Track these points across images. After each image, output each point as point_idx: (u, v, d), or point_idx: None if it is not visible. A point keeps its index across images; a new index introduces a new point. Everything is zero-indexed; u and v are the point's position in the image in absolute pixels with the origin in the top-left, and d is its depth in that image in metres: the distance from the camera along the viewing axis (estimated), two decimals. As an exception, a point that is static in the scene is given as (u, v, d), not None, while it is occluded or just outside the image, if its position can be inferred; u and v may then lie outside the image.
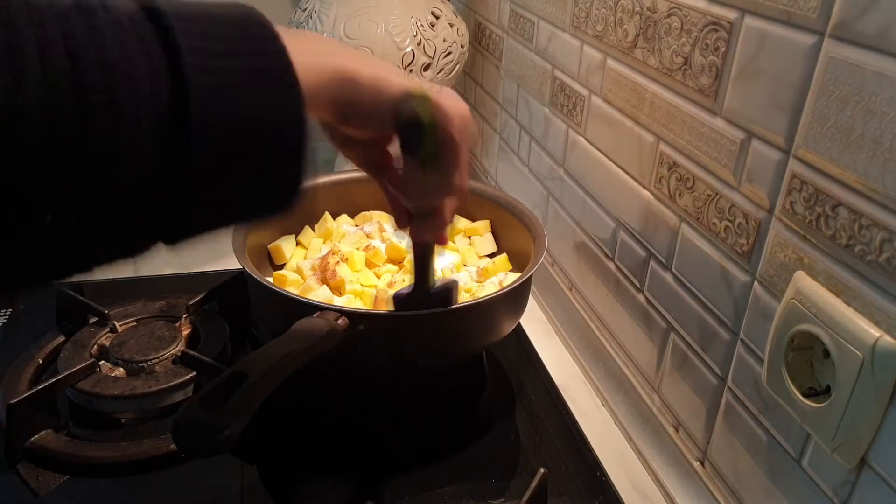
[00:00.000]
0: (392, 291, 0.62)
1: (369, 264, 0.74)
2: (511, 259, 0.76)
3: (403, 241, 0.74)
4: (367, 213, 0.82)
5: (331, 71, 0.39)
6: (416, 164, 0.45)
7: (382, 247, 0.74)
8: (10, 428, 0.60)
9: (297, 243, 0.79)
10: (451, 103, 0.44)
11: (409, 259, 0.65)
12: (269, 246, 0.76)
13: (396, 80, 0.42)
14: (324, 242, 0.78)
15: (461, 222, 0.81)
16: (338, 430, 0.67)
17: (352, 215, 0.82)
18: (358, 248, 0.74)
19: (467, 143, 0.45)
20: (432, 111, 0.43)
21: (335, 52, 0.40)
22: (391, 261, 0.74)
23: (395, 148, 0.48)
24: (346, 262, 0.71)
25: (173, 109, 0.29)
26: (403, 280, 0.69)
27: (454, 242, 0.79)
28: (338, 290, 0.69)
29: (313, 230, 0.80)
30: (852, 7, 0.40)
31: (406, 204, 0.51)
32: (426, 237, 0.54)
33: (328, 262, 0.70)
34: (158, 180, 0.30)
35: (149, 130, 0.28)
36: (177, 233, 0.33)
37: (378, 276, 0.72)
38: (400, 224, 0.54)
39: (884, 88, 0.38)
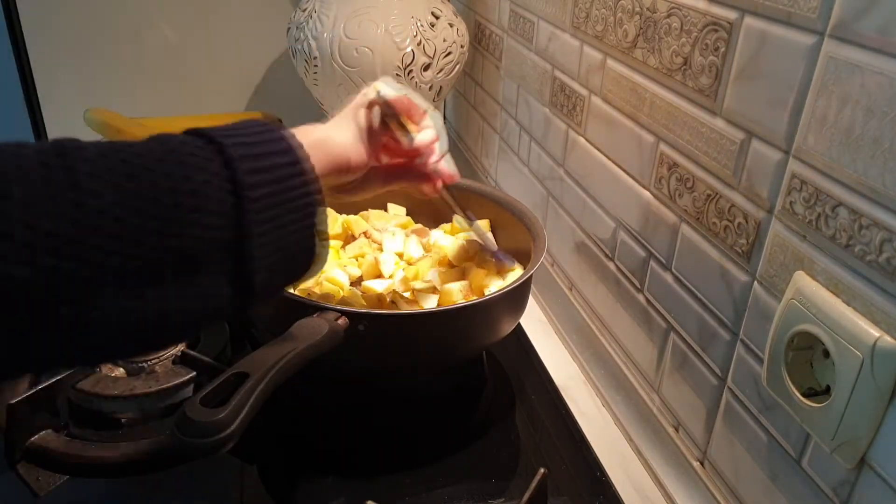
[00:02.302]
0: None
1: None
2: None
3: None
4: (366, 212, 0.82)
5: (330, 159, 0.51)
6: (399, 126, 0.57)
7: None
8: (10, 428, 0.60)
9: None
10: (389, 86, 0.57)
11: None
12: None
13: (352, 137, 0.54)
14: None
15: (460, 221, 0.81)
16: (338, 430, 0.67)
17: (355, 213, 0.82)
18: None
19: (414, 107, 0.58)
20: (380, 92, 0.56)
21: (327, 144, 0.51)
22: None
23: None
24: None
25: (234, 215, 0.39)
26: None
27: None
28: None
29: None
30: (852, 7, 0.40)
31: (425, 167, 0.61)
32: (445, 176, 0.63)
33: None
34: (230, 258, 0.40)
35: (221, 221, 0.39)
36: (245, 298, 0.42)
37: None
38: (429, 189, 0.63)
39: (884, 88, 0.38)
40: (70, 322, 0.35)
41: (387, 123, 0.56)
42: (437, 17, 1.03)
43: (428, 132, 0.59)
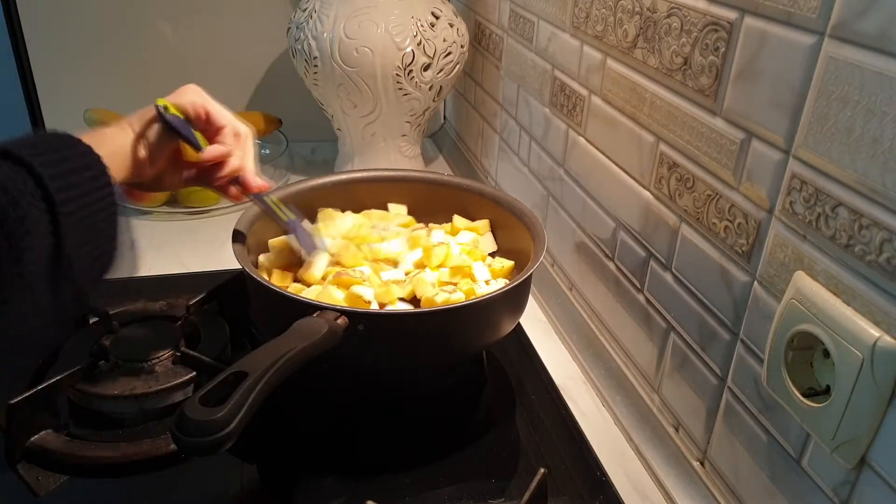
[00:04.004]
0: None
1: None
2: (511, 259, 0.76)
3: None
4: (368, 211, 0.82)
5: (124, 163, 0.58)
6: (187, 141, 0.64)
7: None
8: (10, 428, 0.60)
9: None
10: (186, 97, 0.64)
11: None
12: (269, 241, 0.76)
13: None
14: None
15: (460, 221, 0.81)
16: (338, 430, 0.67)
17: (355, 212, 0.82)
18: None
19: (201, 112, 0.64)
20: (160, 112, 0.62)
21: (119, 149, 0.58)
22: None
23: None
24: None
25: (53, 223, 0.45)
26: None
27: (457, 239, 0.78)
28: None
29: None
30: (852, 7, 0.40)
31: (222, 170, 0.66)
32: (248, 187, 0.68)
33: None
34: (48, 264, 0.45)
35: (43, 240, 0.44)
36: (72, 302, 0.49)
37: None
38: (227, 195, 0.69)
39: (884, 88, 0.38)
40: None
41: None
42: (437, 17, 1.04)
43: (218, 148, 0.64)
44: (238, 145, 0.66)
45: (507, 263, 0.74)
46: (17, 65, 1.18)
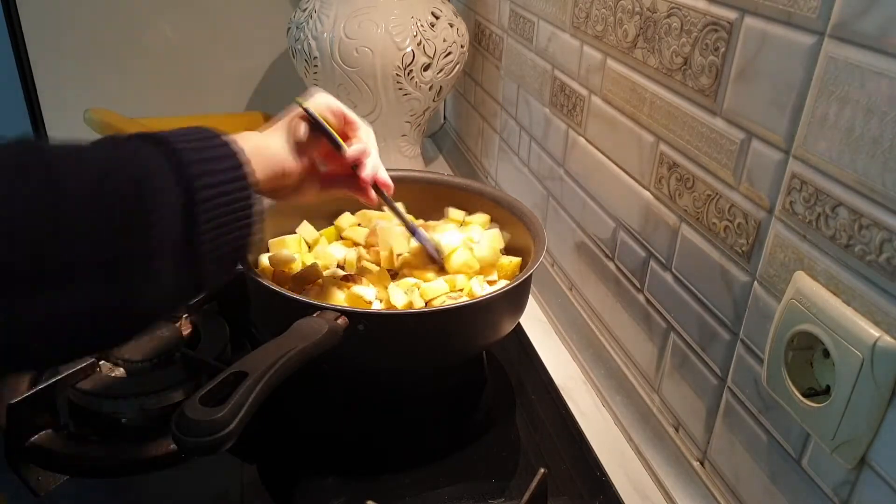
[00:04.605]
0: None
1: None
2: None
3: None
4: (367, 211, 0.82)
5: (267, 166, 0.55)
6: (330, 140, 0.61)
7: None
8: (10, 428, 0.60)
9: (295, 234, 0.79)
10: (320, 98, 0.62)
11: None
12: (269, 241, 0.76)
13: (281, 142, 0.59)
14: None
15: (456, 213, 0.81)
16: (338, 430, 0.67)
17: (352, 212, 0.82)
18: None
19: (339, 111, 0.63)
20: (305, 108, 0.60)
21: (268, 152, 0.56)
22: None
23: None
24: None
25: (185, 207, 0.43)
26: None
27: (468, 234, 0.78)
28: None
29: (312, 224, 0.80)
30: (852, 7, 0.40)
31: (359, 170, 0.64)
32: (383, 186, 0.66)
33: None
34: (180, 255, 0.44)
35: (174, 228, 0.43)
36: (190, 291, 0.47)
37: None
38: (365, 197, 0.66)
39: (884, 88, 0.38)
40: (26, 314, 0.37)
41: (318, 135, 0.60)
42: (437, 17, 1.04)
43: (358, 145, 0.62)
44: (370, 143, 0.64)
45: (515, 260, 0.74)
46: (17, 65, 1.18)
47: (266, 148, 0.56)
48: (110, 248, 0.39)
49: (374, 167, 0.64)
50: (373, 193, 0.66)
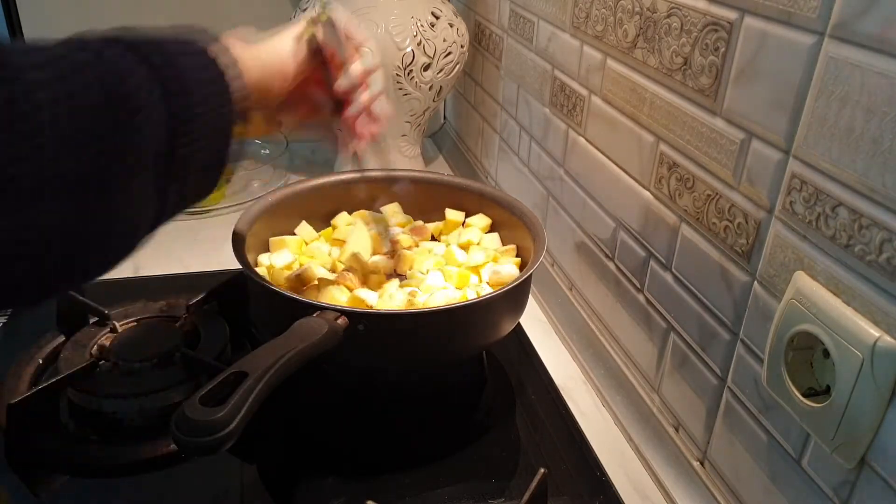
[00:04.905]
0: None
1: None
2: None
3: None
4: (364, 212, 0.82)
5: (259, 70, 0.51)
6: (337, 61, 0.57)
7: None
8: (10, 428, 0.60)
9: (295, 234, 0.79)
10: (339, 14, 0.58)
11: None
12: (270, 239, 0.76)
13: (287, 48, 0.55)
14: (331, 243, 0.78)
15: (453, 214, 0.81)
16: (338, 430, 0.67)
17: (350, 212, 0.82)
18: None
19: (357, 33, 0.59)
20: (329, 13, 0.57)
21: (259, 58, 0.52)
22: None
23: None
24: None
25: (168, 126, 0.40)
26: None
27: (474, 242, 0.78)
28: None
29: (310, 224, 0.80)
30: (852, 7, 0.40)
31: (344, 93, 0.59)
32: (359, 128, 0.61)
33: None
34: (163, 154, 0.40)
35: (157, 125, 0.40)
36: (161, 215, 0.43)
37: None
38: (352, 132, 0.61)
39: (884, 88, 0.38)
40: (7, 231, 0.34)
41: (321, 49, 0.56)
42: (437, 17, 1.04)
43: (366, 64, 0.58)
44: (378, 73, 0.60)
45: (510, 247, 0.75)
46: (17, 65, 1.18)
47: (265, 46, 0.53)
48: (87, 164, 0.36)
49: (379, 92, 0.60)
50: (359, 129, 0.60)
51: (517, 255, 0.76)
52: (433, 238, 0.81)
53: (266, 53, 0.53)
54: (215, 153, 0.45)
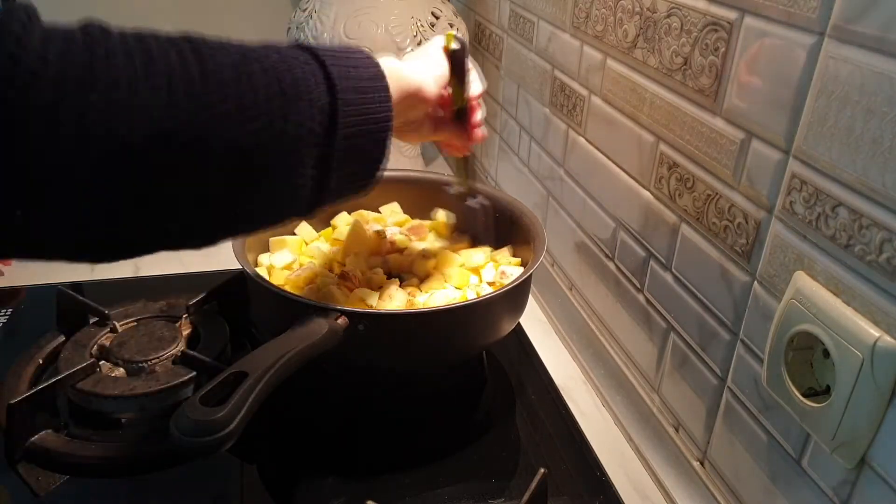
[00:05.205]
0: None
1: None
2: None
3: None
4: (363, 212, 0.82)
5: (403, 87, 0.53)
6: (463, 78, 0.61)
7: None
8: (10, 428, 0.60)
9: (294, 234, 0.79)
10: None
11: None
12: (270, 239, 0.76)
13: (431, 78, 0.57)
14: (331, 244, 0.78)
15: (442, 214, 0.82)
16: (338, 430, 0.67)
17: (349, 212, 0.82)
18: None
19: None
20: (461, 39, 0.61)
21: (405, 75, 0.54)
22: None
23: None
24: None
25: (329, 112, 0.44)
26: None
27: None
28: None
29: (310, 224, 0.80)
30: (852, 7, 0.40)
31: (468, 102, 0.63)
32: (480, 134, 0.66)
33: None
34: (319, 153, 0.44)
35: (316, 121, 0.43)
36: (319, 196, 0.46)
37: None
38: (466, 144, 0.67)
39: (884, 88, 0.38)
40: (172, 196, 0.39)
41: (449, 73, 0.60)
42: (437, 17, 1.03)
43: (476, 85, 0.63)
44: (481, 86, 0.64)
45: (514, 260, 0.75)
46: (17, 65, 1.18)
47: (404, 70, 0.54)
48: (255, 130, 0.40)
49: (483, 113, 0.65)
50: (476, 135, 0.65)
51: (515, 255, 0.76)
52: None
53: (406, 72, 0.55)
54: (373, 147, 0.47)
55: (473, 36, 1.15)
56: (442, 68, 0.58)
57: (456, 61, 0.60)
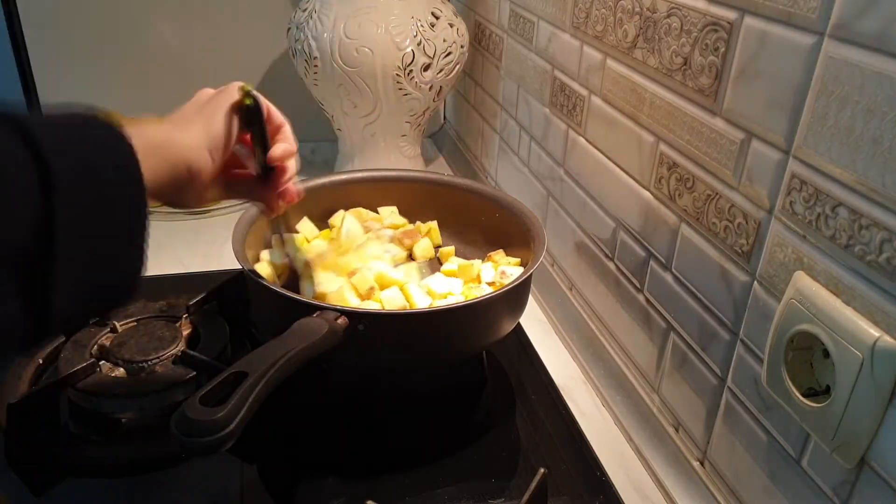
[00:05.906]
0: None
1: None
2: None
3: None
4: (361, 210, 0.82)
5: (168, 166, 0.44)
6: (260, 135, 0.55)
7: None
8: (10, 428, 0.60)
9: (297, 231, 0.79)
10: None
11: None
12: (272, 237, 0.76)
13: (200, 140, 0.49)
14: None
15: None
16: (338, 430, 0.67)
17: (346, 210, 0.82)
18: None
19: (274, 116, 0.57)
20: (255, 96, 0.54)
21: (168, 143, 0.45)
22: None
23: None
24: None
25: (42, 202, 0.33)
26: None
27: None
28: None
29: (311, 221, 0.80)
30: (852, 7, 0.40)
31: (264, 167, 0.57)
32: (292, 194, 0.60)
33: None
34: (25, 262, 0.33)
35: (20, 217, 0.32)
36: (42, 318, 0.35)
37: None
38: (273, 207, 0.60)
39: (884, 88, 0.38)
40: None
41: (242, 131, 0.53)
42: (437, 18, 1.03)
43: (283, 146, 0.56)
44: (294, 146, 0.57)
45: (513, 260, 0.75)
46: (17, 65, 1.18)
47: (171, 142, 0.45)
48: None
49: (294, 173, 0.58)
50: (283, 204, 0.59)
51: (515, 256, 0.76)
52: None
53: (174, 145, 0.47)
54: (118, 255, 0.39)
55: (473, 36, 1.15)
56: (219, 133, 0.49)
57: (250, 119, 0.53)
